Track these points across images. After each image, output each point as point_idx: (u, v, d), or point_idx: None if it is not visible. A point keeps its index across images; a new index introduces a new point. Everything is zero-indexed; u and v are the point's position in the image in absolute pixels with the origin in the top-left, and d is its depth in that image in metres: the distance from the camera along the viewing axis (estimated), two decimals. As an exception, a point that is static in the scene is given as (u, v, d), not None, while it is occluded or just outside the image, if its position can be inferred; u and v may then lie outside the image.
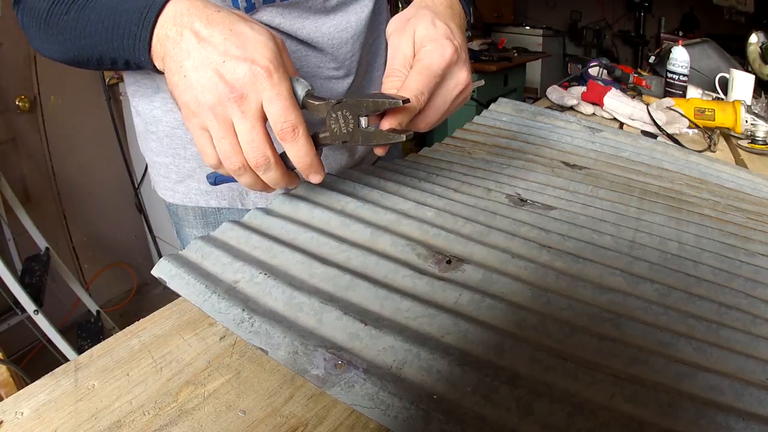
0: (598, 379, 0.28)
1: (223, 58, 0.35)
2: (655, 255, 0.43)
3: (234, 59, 0.35)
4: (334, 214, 0.44)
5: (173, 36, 0.37)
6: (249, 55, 0.35)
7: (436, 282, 0.36)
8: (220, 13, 0.37)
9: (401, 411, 0.26)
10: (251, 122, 0.36)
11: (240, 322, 0.33)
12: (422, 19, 0.43)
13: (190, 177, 0.61)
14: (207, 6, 0.37)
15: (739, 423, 0.26)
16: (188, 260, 0.39)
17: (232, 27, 0.36)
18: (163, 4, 0.37)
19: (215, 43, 0.35)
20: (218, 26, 0.36)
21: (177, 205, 0.64)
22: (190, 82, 0.36)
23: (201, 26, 0.36)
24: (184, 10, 0.37)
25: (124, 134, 2.02)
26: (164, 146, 0.60)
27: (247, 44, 0.35)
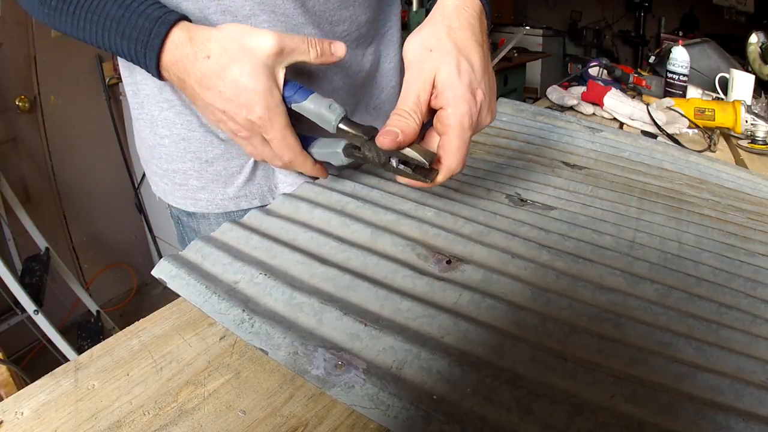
0: (598, 380, 0.28)
1: (223, 108, 0.41)
2: (655, 255, 0.43)
3: (231, 112, 0.41)
4: (334, 214, 0.44)
5: (177, 81, 0.42)
6: (242, 106, 0.41)
7: (436, 282, 0.36)
8: (209, 61, 0.40)
9: (401, 411, 0.26)
10: (262, 147, 0.44)
11: (240, 323, 0.33)
12: (445, 58, 0.40)
13: (214, 181, 0.55)
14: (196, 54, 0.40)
15: (739, 423, 0.26)
16: (188, 261, 0.39)
17: (223, 76, 0.40)
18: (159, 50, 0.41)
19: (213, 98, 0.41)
20: (211, 79, 0.40)
21: (197, 217, 0.58)
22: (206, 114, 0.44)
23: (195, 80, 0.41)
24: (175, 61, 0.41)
25: (124, 134, 2.02)
26: (180, 150, 0.55)
27: (240, 95, 0.40)
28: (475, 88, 0.40)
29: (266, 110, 0.41)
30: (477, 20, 0.43)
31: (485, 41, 0.43)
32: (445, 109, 0.40)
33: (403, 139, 0.39)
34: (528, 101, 1.62)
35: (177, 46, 0.41)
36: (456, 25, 0.41)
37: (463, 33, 0.41)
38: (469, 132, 0.40)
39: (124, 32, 0.41)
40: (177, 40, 0.41)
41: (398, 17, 0.65)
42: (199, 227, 0.59)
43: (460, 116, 0.39)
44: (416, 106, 0.40)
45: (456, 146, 0.40)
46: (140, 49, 0.41)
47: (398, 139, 0.39)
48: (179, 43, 0.41)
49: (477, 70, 0.40)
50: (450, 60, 0.39)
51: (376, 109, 0.64)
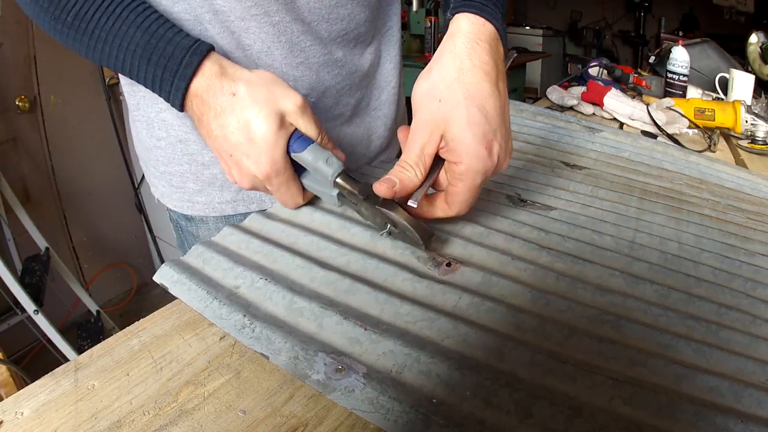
0: (597, 382, 0.28)
1: (230, 152, 0.41)
2: (654, 255, 0.43)
3: (242, 161, 0.41)
4: (334, 218, 0.44)
5: (197, 113, 0.41)
6: (253, 160, 0.40)
7: (435, 285, 0.36)
8: (234, 98, 0.40)
9: (401, 415, 0.26)
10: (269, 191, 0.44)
11: (241, 328, 0.33)
12: (456, 111, 0.37)
13: (211, 185, 0.55)
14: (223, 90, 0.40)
15: (738, 425, 0.26)
16: (189, 266, 0.39)
17: (239, 116, 0.40)
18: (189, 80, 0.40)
19: (224, 137, 0.40)
20: (228, 117, 0.40)
21: (195, 221, 0.58)
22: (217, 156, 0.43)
23: (214, 114, 0.40)
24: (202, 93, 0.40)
25: (124, 134, 2.02)
26: (177, 153, 0.54)
27: (252, 147, 0.40)
28: (490, 140, 0.37)
29: (272, 164, 0.41)
30: (491, 54, 0.39)
31: (501, 73, 0.40)
32: (457, 164, 0.38)
33: (400, 189, 0.38)
34: (528, 101, 1.62)
35: (207, 77, 0.40)
36: (467, 66, 0.38)
37: (474, 76, 0.38)
38: (478, 186, 0.39)
39: (150, 59, 0.40)
40: (207, 72, 0.40)
41: (398, 17, 0.64)
42: (198, 232, 0.59)
43: (473, 174, 0.37)
44: (419, 159, 0.38)
45: (463, 198, 0.39)
46: (168, 77, 0.40)
47: (395, 189, 0.38)
48: (209, 75, 0.40)
49: (491, 118, 0.37)
50: (461, 113, 0.37)
51: (377, 110, 0.64)
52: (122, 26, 0.40)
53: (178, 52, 0.40)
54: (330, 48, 0.55)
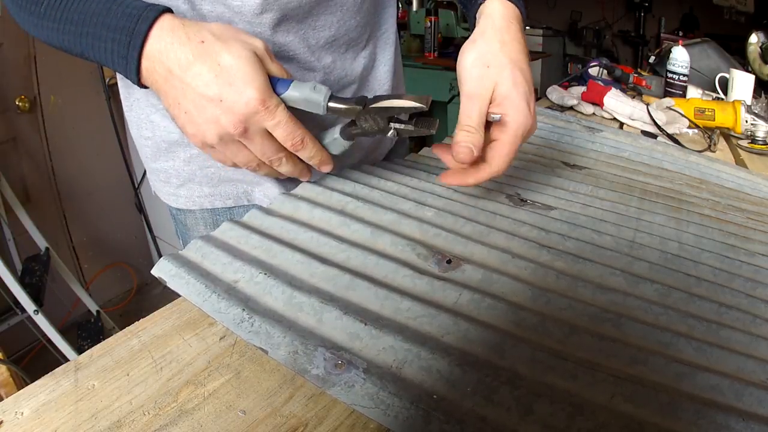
0: (598, 379, 0.28)
1: (219, 97, 0.37)
2: (655, 255, 0.43)
3: (229, 99, 0.37)
4: (334, 214, 0.44)
5: (162, 72, 0.38)
6: (241, 91, 0.37)
7: (436, 282, 0.36)
8: (204, 45, 0.38)
9: (401, 411, 0.26)
10: (259, 141, 0.41)
11: (240, 322, 0.33)
12: (503, 73, 0.42)
13: (191, 180, 0.59)
14: (190, 37, 0.38)
15: (739, 423, 0.26)
16: (188, 260, 0.39)
17: (219, 60, 0.37)
18: (144, 37, 0.38)
19: (206, 82, 0.37)
20: (206, 63, 0.37)
21: (184, 211, 0.61)
22: (192, 117, 0.39)
23: (188, 63, 0.37)
24: (168, 42, 0.38)
25: (124, 134, 2.02)
26: (162, 151, 0.58)
27: (237, 80, 0.37)
28: (529, 99, 0.43)
29: (268, 92, 0.39)
30: (522, 32, 0.46)
31: (527, 49, 0.46)
32: (504, 117, 0.42)
33: (477, 153, 0.42)
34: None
35: (166, 32, 0.38)
36: (507, 38, 0.44)
37: (514, 47, 0.44)
38: (521, 140, 0.43)
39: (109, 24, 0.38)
40: (166, 26, 0.38)
41: (394, 18, 0.64)
42: (186, 221, 0.62)
43: (517, 126, 0.42)
44: (480, 120, 0.42)
45: (507, 151, 0.43)
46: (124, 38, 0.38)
47: (474, 154, 0.42)
48: (168, 28, 0.38)
49: (528, 81, 0.43)
50: (507, 74, 0.42)
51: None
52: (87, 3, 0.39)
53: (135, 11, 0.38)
54: (318, 54, 0.55)
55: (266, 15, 0.48)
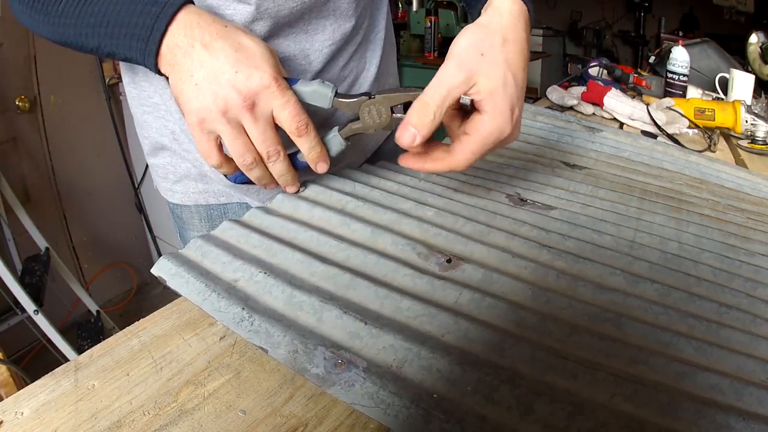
0: (598, 379, 0.28)
1: (235, 69, 0.39)
2: (655, 255, 0.43)
3: (245, 70, 0.39)
4: (334, 214, 0.44)
5: (184, 46, 0.39)
6: (258, 66, 0.39)
7: (436, 281, 0.36)
8: (227, 28, 0.40)
9: (401, 410, 0.26)
10: (263, 125, 0.41)
11: (240, 321, 0.33)
12: (495, 69, 0.39)
13: (186, 177, 0.61)
14: (215, 21, 0.40)
15: (740, 422, 0.26)
16: (188, 259, 0.39)
17: (239, 41, 0.40)
18: (175, 13, 0.39)
19: (227, 55, 0.39)
20: (228, 40, 0.39)
21: (180, 206, 0.63)
22: (202, 90, 0.39)
23: (212, 39, 0.39)
24: (194, 22, 0.39)
25: (124, 134, 2.02)
26: (157, 149, 0.61)
27: (255, 57, 0.39)
28: (514, 105, 0.40)
29: (277, 74, 0.40)
30: (527, 34, 0.43)
31: (528, 54, 0.43)
32: (481, 114, 0.40)
33: (420, 141, 0.40)
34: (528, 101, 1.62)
35: (193, 14, 0.40)
36: (510, 37, 0.41)
37: (515, 48, 0.41)
38: (490, 145, 0.40)
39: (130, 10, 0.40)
40: (193, 10, 0.40)
41: (386, 20, 0.65)
42: (182, 215, 0.64)
43: (493, 128, 0.39)
44: (443, 102, 0.39)
45: (472, 149, 0.40)
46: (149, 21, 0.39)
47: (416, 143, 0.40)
48: (195, 12, 0.40)
49: (519, 88, 0.40)
50: (498, 72, 0.39)
51: None
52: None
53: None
54: (311, 58, 0.55)
55: (258, 23, 0.49)
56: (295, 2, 0.50)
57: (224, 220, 0.60)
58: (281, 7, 0.49)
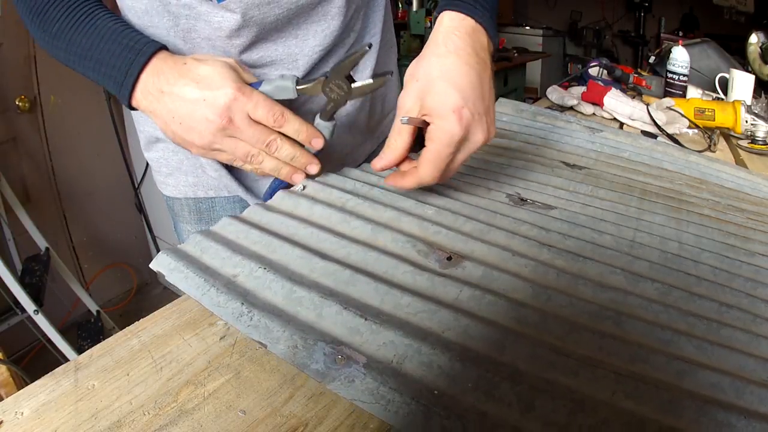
0: (599, 376, 0.28)
1: (202, 97, 0.44)
2: (655, 254, 0.43)
3: (210, 95, 0.44)
4: (335, 211, 0.44)
5: (154, 93, 0.45)
6: (219, 86, 0.44)
7: (436, 278, 0.36)
8: (186, 65, 0.45)
9: (402, 406, 0.26)
10: (246, 128, 0.45)
11: (239, 316, 0.33)
12: (430, 86, 0.42)
13: (177, 170, 0.63)
14: (176, 62, 0.46)
15: (740, 421, 0.26)
16: (187, 254, 0.39)
17: (198, 72, 0.45)
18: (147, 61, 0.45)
19: (191, 89, 0.44)
20: (188, 76, 0.45)
21: (172, 199, 0.66)
22: (187, 124, 0.45)
23: (175, 81, 0.45)
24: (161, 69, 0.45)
25: (124, 134, 2.02)
26: (152, 143, 0.63)
27: (214, 80, 0.44)
28: (459, 107, 0.41)
29: (239, 85, 0.44)
30: (467, 41, 0.44)
31: (479, 56, 0.43)
32: (431, 127, 0.42)
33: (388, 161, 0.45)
34: (528, 101, 1.62)
35: (159, 61, 0.46)
36: (443, 51, 0.43)
37: (448, 58, 0.42)
38: (448, 148, 0.42)
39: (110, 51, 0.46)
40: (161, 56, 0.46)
41: (382, 23, 0.65)
42: (174, 206, 0.67)
43: (441, 135, 0.41)
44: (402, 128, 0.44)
45: (429, 158, 0.42)
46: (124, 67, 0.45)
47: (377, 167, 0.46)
48: (161, 59, 0.46)
49: (463, 91, 0.41)
50: (434, 87, 0.42)
51: (348, 116, 0.64)
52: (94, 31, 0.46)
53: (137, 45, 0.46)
54: (301, 61, 0.56)
55: (245, 30, 0.51)
56: (281, 9, 0.52)
57: (212, 213, 0.63)
58: (266, 15, 0.51)
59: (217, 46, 0.53)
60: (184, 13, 0.51)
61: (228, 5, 0.50)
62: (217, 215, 0.65)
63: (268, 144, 0.46)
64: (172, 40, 0.54)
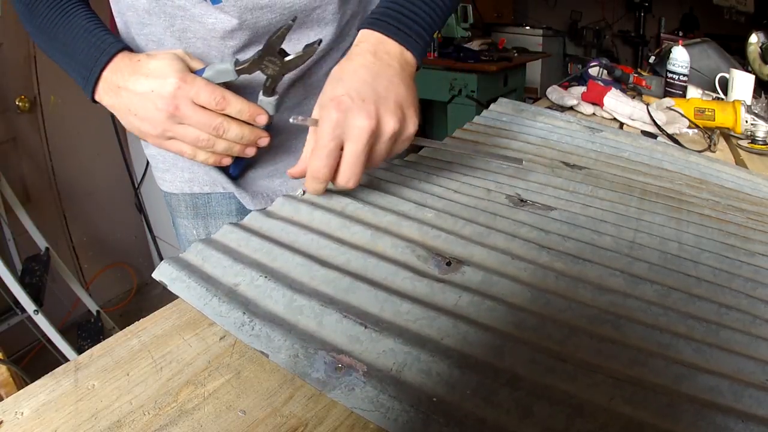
0: (597, 381, 0.28)
1: (151, 89, 0.47)
2: (655, 255, 0.43)
3: (157, 85, 0.47)
4: (334, 216, 0.44)
5: (113, 89, 0.49)
6: (165, 76, 0.47)
7: (435, 284, 0.36)
8: (140, 62, 0.48)
9: (401, 414, 0.26)
10: (192, 114, 0.47)
11: (241, 326, 0.33)
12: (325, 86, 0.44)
13: (174, 166, 0.64)
14: (132, 59, 0.49)
15: (739, 424, 0.26)
16: (189, 263, 0.39)
17: (148, 67, 0.48)
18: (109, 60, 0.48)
19: (141, 84, 0.47)
20: (139, 72, 0.48)
21: (169, 194, 0.67)
22: (141, 115, 0.48)
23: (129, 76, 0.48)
24: (119, 67, 0.49)
25: (124, 134, 2.02)
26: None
27: (161, 72, 0.47)
28: (339, 95, 0.42)
29: (182, 74, 0.47)
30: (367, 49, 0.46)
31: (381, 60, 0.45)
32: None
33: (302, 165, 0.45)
34: (528, 101, 1.62)
35: (117, 61, 0.49)
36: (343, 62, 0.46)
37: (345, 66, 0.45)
38: (327, 136, 0.42)
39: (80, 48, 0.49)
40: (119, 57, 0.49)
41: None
42: (171, 202, 0.68)
43: (321, 121, 0.42)
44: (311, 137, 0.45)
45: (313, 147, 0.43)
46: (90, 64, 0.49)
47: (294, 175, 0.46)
48: (119, 59, 0.49)
49: (348, 82, 0.43)
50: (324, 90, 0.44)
51: None
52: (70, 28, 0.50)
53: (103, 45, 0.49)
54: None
55: (238, 32, 0.53)
56: (273, 14, 0.53)
57: (207, 208, 0.65)
58: (259, 19, 0.53)
59: (212, 46, 0.54)
60: (179, 14, 0.52)
61: (223, 7, 0.51)
62: (213, 210, 0.66)
63: (216, 127, 0.48)
64: (168, 39, 0.55)
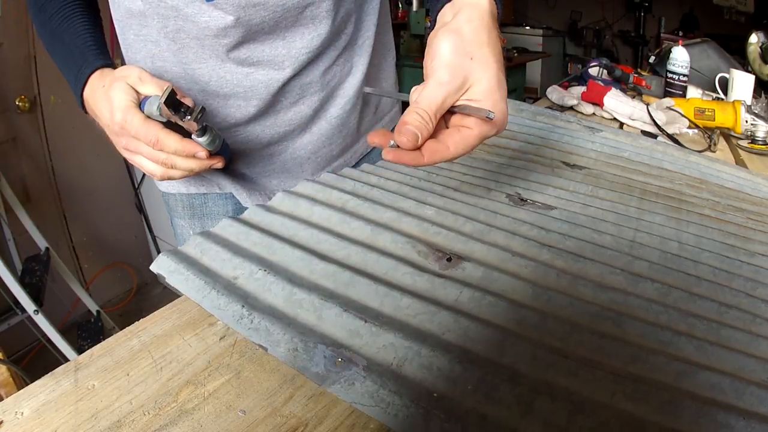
0: (598, 377, 0.28)
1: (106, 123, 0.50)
2: (655, 254, 0.43)
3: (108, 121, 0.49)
4: (335, 212, 0.44)
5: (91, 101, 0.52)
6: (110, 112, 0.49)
7: (436, 279, 0.36)
8: (104, 87, 0.50)
9: (401, 409, 0.26)
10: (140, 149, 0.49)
11: (239, 319, 0.33)
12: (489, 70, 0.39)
13: None
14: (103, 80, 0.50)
15: (740, 422, 0.26)
16: (187, 256, 0.39)
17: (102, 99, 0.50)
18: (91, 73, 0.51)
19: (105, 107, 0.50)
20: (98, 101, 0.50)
21: (167, 194, 0.68)
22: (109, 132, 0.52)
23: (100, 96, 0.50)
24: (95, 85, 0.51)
25: (124, 134, 2.01)
26: None
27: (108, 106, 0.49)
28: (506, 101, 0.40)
29: (124, 114, 0.48)
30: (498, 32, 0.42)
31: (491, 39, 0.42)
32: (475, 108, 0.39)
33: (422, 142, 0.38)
34: (528, 101, 1.62)
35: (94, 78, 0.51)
36: (490, 39, 0.40)
37: (496, 49, 0.40)
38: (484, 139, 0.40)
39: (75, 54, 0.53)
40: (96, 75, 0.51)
41: (376, 26, 0.65)
42: (169, 202, 0.69)
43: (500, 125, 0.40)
44: (438, 111, 0.39)
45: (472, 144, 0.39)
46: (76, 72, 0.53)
47: (418, 143, 0.38)
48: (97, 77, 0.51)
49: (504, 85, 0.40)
50: (493, 73, 0.39)
51: (338, 118, 0.64)
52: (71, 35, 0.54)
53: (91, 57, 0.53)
54: (286, 63, 0.57)
55: (232, 30, 0.53)
56: (266, 12, 0.53)
57: (204, 208, 0.65)
58: (252, 17, 0.53)
59: (206, 45, 0.54)
60: (172, 14, 0.52)
61: (218, 4, 0.51)
62: (210, 211, 0.67)
63: (164, 162, 0.49)
64: (162, 40, 0.55)
